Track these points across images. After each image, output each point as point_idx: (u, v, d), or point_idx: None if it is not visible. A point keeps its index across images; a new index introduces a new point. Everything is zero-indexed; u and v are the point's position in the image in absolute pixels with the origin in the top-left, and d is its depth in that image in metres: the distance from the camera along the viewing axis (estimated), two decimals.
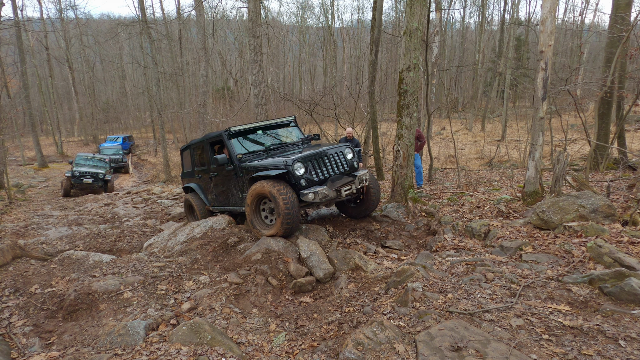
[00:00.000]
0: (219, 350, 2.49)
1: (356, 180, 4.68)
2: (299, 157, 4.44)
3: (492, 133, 21.52)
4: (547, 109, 4.91)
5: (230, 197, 5.48)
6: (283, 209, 4.13)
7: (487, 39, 29.86)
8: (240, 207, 5.27)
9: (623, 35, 5.87)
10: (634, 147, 11.73)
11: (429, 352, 2.11)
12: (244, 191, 5.06)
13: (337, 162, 4.79)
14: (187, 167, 6.72)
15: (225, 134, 5.16)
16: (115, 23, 27.52)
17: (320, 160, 4.64)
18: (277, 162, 4.52)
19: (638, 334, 2.18)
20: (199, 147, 6.02)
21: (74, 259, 4.18)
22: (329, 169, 4.69)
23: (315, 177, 4.52)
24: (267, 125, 5.65)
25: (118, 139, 25.84)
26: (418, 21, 5.29)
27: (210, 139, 5.65)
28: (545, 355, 2.05)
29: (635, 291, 2.50)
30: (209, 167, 5.79)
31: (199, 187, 6.34)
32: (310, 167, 4.51)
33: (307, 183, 4.42)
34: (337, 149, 4.88)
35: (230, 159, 5.08)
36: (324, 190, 4.33)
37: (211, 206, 6.12)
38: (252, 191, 4.46)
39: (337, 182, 4.56)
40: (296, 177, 4.34)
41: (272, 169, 4.45)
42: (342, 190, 4.48)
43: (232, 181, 5.27)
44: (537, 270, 3.23)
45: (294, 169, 4.34)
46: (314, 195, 4.25)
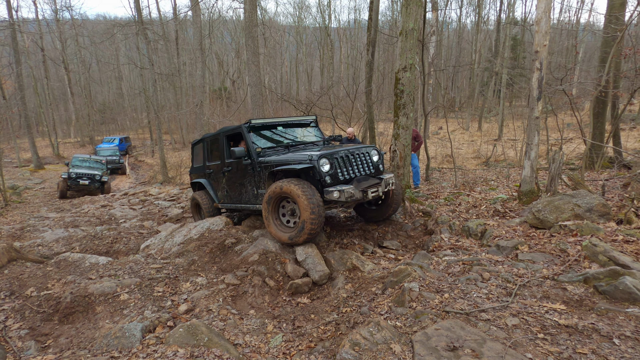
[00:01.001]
0: (216, 352, 2.49)
1: (382, 183, 4.48)
2: (326, 153, 4.21)
3: (488, 132, 21.59)
4: (542, 108, 4.93)
5: (243, 194, 5.27)
6: (309, 212, 3.81)
7: (483, 38, 29.98)
8: (254, 204, 5.07)
9: (617, 35, 5.91)
10: (629, 146, 11.81)
11: (426, 352, 2.12)
12: (260, 187, 4.85)
13: (363, 163, 4.60)
14: (198, 162, 6.52)
15: (245, 126, 4.97)
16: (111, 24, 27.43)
17: (346, 158, 4.42)
18: (301, 156, 4.29)
19: (632, 332, 2.20)
20: (214, 141, 5.83)
21: (70, 261, 4.16)
22: (354, 168, 4.48)
23: (341, 176, 4.29)
24: (288, 122, 5.49)
25: (115, 140, 25.74)
26: (414, 22, 5.31)
27: (227, 132, 5.46)
28: (541, 354, 2.06)
29: (630, 289, 2.52)
30: (222, 162, 5.59)
31: (209, 183, 6.14)
32: (336, 164, 4.29)
33: (332, 181, 4.18)
34: (364, 149, 4.69)
35: (249, 152, 4.87)
36: (350, 190, 4.07)
37: (220, 203, 5.92)
38: (272, 190, 4.17)
39: (364, 183, 4.36)
40: (321, 174, 4.10)
41: (296, 162, 4.23)
42: (368, 192, 4.23)
43: (247, 176, 5.05)
44: (533, 270, 3.25)
45: (319, 164, 4.09)
46: (339, 193, 3.99)
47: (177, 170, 17.75)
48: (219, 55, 33.92)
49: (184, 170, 18.22)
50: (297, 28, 38.10)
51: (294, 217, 4.27)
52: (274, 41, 31.13)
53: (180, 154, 24.00)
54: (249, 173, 5.00)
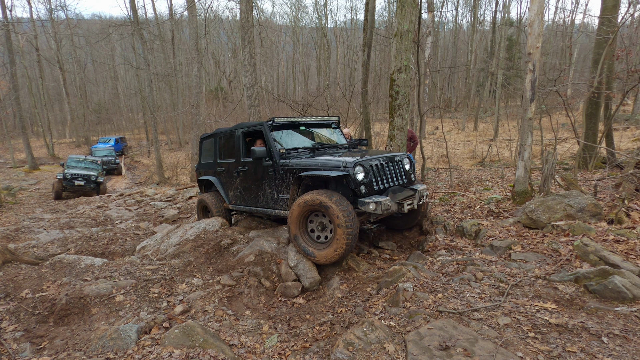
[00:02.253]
0: (211, 353, 2.50)
1: (417, 195, 4.21)
2: (361, 160, 3.86)
3: (484, 132, 21.71)
4: (535, 109, 4.98)
5: (260, 197, 4.92)
6: (345, 229, 3.48)
7: (479, 39, 30.13)
8: (273, 209, 4.72)
9: (609, 37, 5.99)
10: (622, 146, 11.93)
11: (418, 352, 2.15)
12: (282, 192, 4.51)
13: (397, 172, 4.29)
14: (207, 157, 6.11)
15: (268, 124, 4.64)
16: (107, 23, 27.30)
17: (381, 167, 4.09)
18: (332, 162, 3.92)
19: (621, 330, 2.24)
20: (228, 137, 5.46)
21: (65, 262, 4.15)
22: (388, 178, 4.16)
23: (375, 186, 3.96)
24: (311, 122, 5.20)
25: (110, 141, 25.63)
26: (409, 23, 5.34)
27: (244, 128, 5.11)
28: (531, 352, 2.10)
29: (619, 289, 2.56)
30: (237, 160, 5.24)
31: (219, 182, 5.76)
32: (371, 173, 3.94)
33: (367, 191, 3.85)
34: (397, 157, 4.36)
35: (270, 153, 4.53)
36: (387, 202, 3.72)
37: (231, 204, 5.57)
38: (301, 203, 3.79)
39: (399, 194, 4.05)
40: (357, 183, 3.75)
41: (328, 169, 3.87)
42: (404, 204, 3.93)
43: (267, 179, 4.70)
44: (526, 269, 3.29)
45: (354, 172, 3.74)
46: (375, 205, 3.65)
47: (174, 171, 17.70)
48: (216, 55, 33.87)
49: (180, 170, 18.18)
50: (294, 28, 38.12)
51: (324, 232, 3.95)
52: (271, 41, 31.14)
53: (177, 154, 23.94)
54: (268, 175, 4.66)
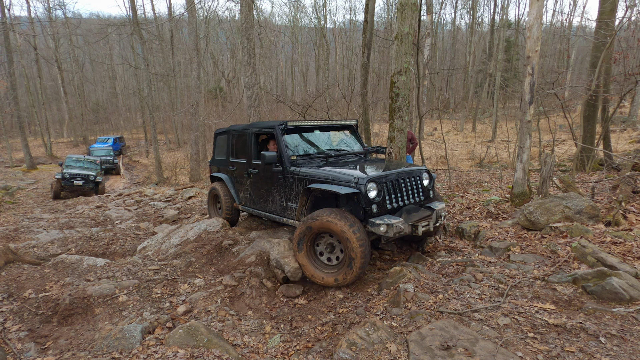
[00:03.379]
0: (216, 353, 2.53)
1: (434, 216, 3.80)
2: (374, 176, 3.57)
3: (482, 134, 21.82)
4: (534, 112, 5.04)
5: (269, 203, 4.72)
6: (359, 255, 3.26)
7: (477, 40, 30.26)
8: (282, 216, 4.52)
9: (607, 41, 6.05)
10: (619, 148, 12.03)
11: (420, 352, 2.18)
12: (290, 200, 4.30)
13: (413, 189, 3.93)
14: (220, 154, 5.91)
15: (280, 127, 4.40)
16: (105, 23, 27.24)
17: (396, 183, 3.76)
18: (344, 175, 3.64)
19: (618, 330, 2.29)
20: (240, 136, 5.26)
21: (67, 263, 4.17)
22: (404, 196, 3.83)
23: (389, 204, 3.65)
24: (326, 126, 4.92)
25: (109, 140, 25.60)
26: (409, 26, 5.39)
27: (256, 129, 4.87)
28: (531, 352, 2.14)
29: (616, 290, 2.61)
30: (249, 162, 5.03)
31: (230, 180, 5.59)
32: (385, 190, 3.63)
33: (379, 210, 3.54)
34: (414, 171, 4.00)
35: (281, 158, 4.30)
36: (400, 224, 3.40)
37: (241, 205, 5.41)
38: (310, 224, 3.56)
39: (414, 215, 3.74)
40: (368, 201, 3.45)
41: (339, 183, 3.61)
42: (419, 227, 3.59)
43: (276, 185, 4.49)
44: (524, 270, 3.34)
45: (366, 189, 3.44)
46: (386, 228, 3.33)
47: (172, 171, 17.70)
48: (214, 55, 33.85)
49: (179, 170, 18.18)
50: (293, 28, 38.15)
51: (333, 253, 3.72)
52: (270, 41, 31.16)
53: (175, 154, 23.92)
54: (278, 181, 4.43)
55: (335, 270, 3.59)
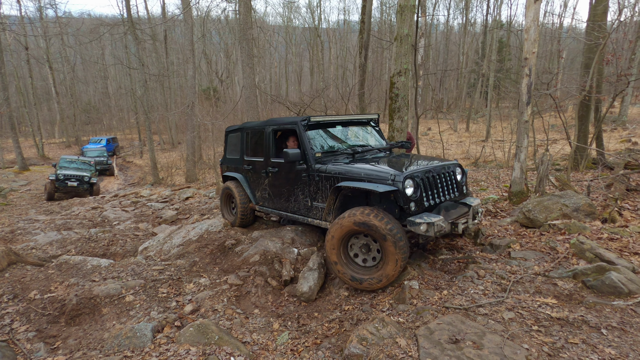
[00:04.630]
0: (227, 350, 2.57)
1: (471, 212, 3.65)
2: (411, 172, 3.38)
3: (476, 133, 22.05)
4: (531, 112, 5.15)
5: (291, 202, 4.49)
6: (399, 258, 3.10)
7: (470, 41, 30.57)
8: (306, 217, 4.30)
9: (600, 42, 6.20)
10: (610, 147, 12.27)
11: (430, 345, 2.25)
12: (316, 200, 4.08)
13: (448, 184, 3.77)
14: (233, 153, 5.62)
15: (303, 123, 4.19)
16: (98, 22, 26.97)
17: (432, 179, 3.58)
18: (378, 172, 3.44)
19: (618, 323, 2.38)
20: (257, 133, 4.99)
21: (71, 263, 4.16)
22: (440, 192, 3.65)
23: (426, 202, 3.48)
24: (349, 121, 4.72)
25: (102, 141, 25.35)
26: (408, 27, 5.47)
27: (275, 125, 4.65)
28: (536, 344, 2.22)
29: (615, 284, 2.70)
30: (267, 160, 4.77)
31: (246, 180, 5.32)
32: (422, 187, 3.44)
33: (417, 208, 3.36)
34: (448, 166, 3.83)
35: (304, 156, 4.08)
36: (441, 222, 3.23)
37: (258, 205, 5.16)
38: (343, 225, 3.37)
39: (452, 212, 3.57)
40: (406, 199, 3.27)
41: (372, 181, 3.42)
42: (459, 224, 3.43)
43: (299, 183, 4.26)
44: (525, 267, 3.42)
45: (404, 187, 3.25)
46: (427, 227, 3.17)
47: (168, 172, 17.61)
48: (208, 55, 33.70)
49: (175, 171, 18.09)
50: (287, 28, 38.14)
51: (369, 254, 3.51)
52: (264, 41, 31.12)
53: (170, 154, 23.79)
54: (302, 180, 4.20)
55: (371, 273, 3.36)
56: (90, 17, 42.38)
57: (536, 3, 4.65)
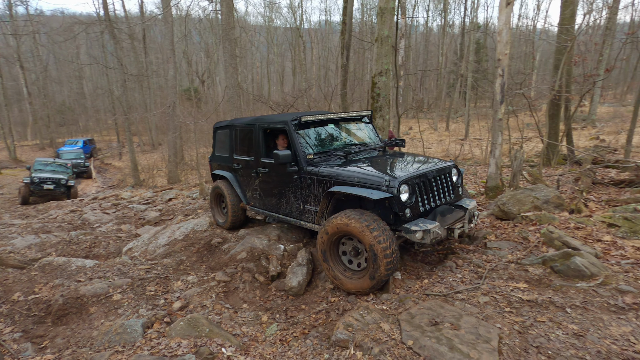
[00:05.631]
0: (218, 341, 2.65)
1: (467, 216, 3.53)
2: (406, 177, 3.24)
3: (456, 132, 22.65)
4: (504, 111, 5.42)
5: (282, 204, 4.32)
6: (383, 263, 2.93)
7: (449, 42, 31.32)
8: (298, 219, 4.14)
9: (568, 45, 6.57)
10: (581, 144, 12.90)
11: (411, 328, 2.39)
12: (308, 203, 3.93)
13: (444, 187, 3.63)
14: (222, 150, 5.40)
15: (293, 122, 3.99)
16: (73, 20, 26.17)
17: (428, 182, 3.44)
18: (372, 177, 3.30)
19: (581, 302, 2.59)
20: (246, 131, 4.77)
21: (55, 265, 4.11)
22: (435, 196, 3.52)
23: (421, 207, 3.35)
24: (341, 119, 4.52)
25: (78, 143, 24.60)
26: (388, 29, 5.65)
27: (264, 124, 4.45)
28: (508, 323, 2.40)
29: (579, 268, 2.93)
30: (257, 160, 4.57)
31: (236, 179, 5.10)
32: (417, 191, 3.31)
33: (412, 214, 3.23)
34: (444, 168, 3.68)
35: (296, 157, 3.89)
36: (437, 229, 3.11)
37: (249, 205, 4.98)
38: (331, 226, 3.26)
39: (449, 217, 3.45)
40: (401, 206, 3.14)
41: (366, 186, 3.27)
42: (455, 230, 3.33)
43: (291, 186, 4.10)
44: (500, 256, 3.64)
45: (399, 192, 3.11)
46: (423, 234, 3.04)
47: (149, 173, 17.30)
48: (188, 55, 33.19)
49: (157, 172, 17.79)
50: (268, 28, 38.00)
51: (358, 257, 3.39)
52: (245, 41, 30.92)
53: (151, 155, 23.35)
54: (293, 183, 4.04)
55: (356, 277, 3.26)
56: (64, 14, 40.97)
57: (507, 7, 4.91)
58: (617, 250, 3.33)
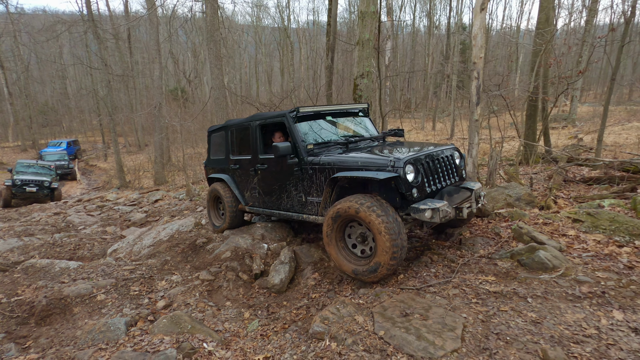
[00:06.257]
0: (200, 337, 2.74)
1: (473, 196, 3.61)
2: (411, 157, 3.28)
3: (442, 132, 23.02)
4: (481, 112, 5.63)
5: (284, 199, 4.33)
6: (388, 245, 2.95)
7: (435, 43, 31.77)
8: (300, 213, 4.15)
9: (542, 49, 6.84)
10: (560, 143, 13.31)
11: (383, 320, 2.54)
12: (311, 194, 3.93)
13: (448, 169, 3.70)
14: (217, 153, 5.41)
15: (292, 115, 4.03)
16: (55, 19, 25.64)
17: (432, 163, 3.49)
18: (376, 160, 3.32)
19: (542, 292, 2.77)
20: (242, 130, 4.80)
21: (38, 267, 4.13)
22: (440, 177, 3.58)
23: (428, 188, 3.38)
24: (339, 111, 4.57)
25: (62, 144, 24.17)
26: (369, 32, 5.79)
27: (261, 120, 4.47)
28: (473, 313, 2.56)
29: (543, 260, 3.12)
30: (255, 157, 4.61)
31: (233, 181, 5.12)
32: (422, 172, 3.35)
33: (419, 194, 3.26)
34: (446, 150, 3.76)
35: (295, 148, 3.92)
36: (445, 207, 3.13)
37: (248, 206, 4.98)
38: (340, 210, 3.25)
39: (456, 197, 3.51)
40: (408, 186, 3.15)
41: (370, 169, 3.27)
42: (463, 209, 3.38)
43: (292, 179, 4.11)
44: (473, 251, 3.81)
45: (405, 172, 3.14)
46: (432, 213, 3.05)
47: (135, 174, 17.15)
48: (174, 55, 32.87)
49: (143, 174, 17.64)
50: (256, 28, 37.89)
51: (364, 245, 3.40)
52: (233, 41, 30.78)
53: (137, 157, 23.10)
54: (294, 175, 4.05)
55: (358, 262, 3.30)
56: (46, 13, 40.07)
57: (482, 12, 5.11)
58: (579, 244, 3.54)
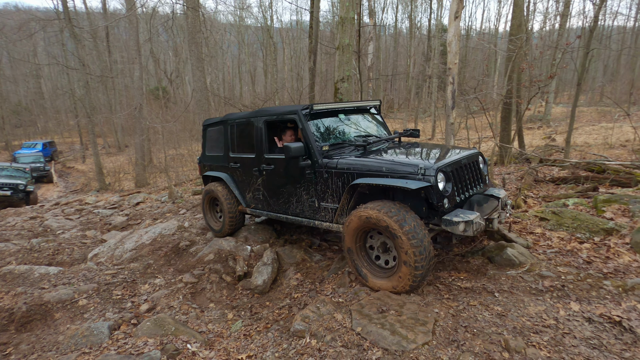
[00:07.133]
0: (183, 338, 2.81)
1: (499, 204, 3.39)
2: (442, 164, 3.00)
3: (423, 132, 23.48)
4: (457, 115, 5.86)
5: (293, 203, 4.01)
6: (412, 258, 2.76)
7: (417, 44, 32.35)
8: (312, 219, 3.85)
9: (514, 54, 7.16)
10: (535, 143, 13.86)
11: (360, 317, 2.67)
12: (325, 200, 3.64)
13: (474, 176, 3.44)
14: (214, 149, 5.04)
15: (304, 112, 3.70)
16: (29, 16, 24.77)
17: (461, 169, 3.24)
18: (404, 165, 3.04)
19: (509, 287, 2.97)
20: (245, 126, 4.43)
21: (16, 273, 4.08)
22: (469, 185, 3.32)
23: (457, 197, 3.12)
24: (352, 109, 4.27)
25: (37, 145, 23.43)
26: (349, 37, 5.94)
27: (268, 116, 4.12)
28: (444, 307, 2.73)
29: (510, 257, 3.33)
30: (260, 156, 4.25)
31: (233, 180, 4.77)
32: (453, 180, 3.08)
33: (450, 204, 2.99)
34: (472, 155, 3.48)
35: (309, 150, 3.61)
36: (479, 219, 2.91)
37: (249, 208, 4.67)
38: (363, 217, 3.01)
39: (485, 207, 3.27)
40: (440, 196, 2.90)
41: (399, 176, 3.00)
42: (494, 220, 3.15)
43: (303, 182, 3.78)
44: (447, 249, 4.00)
45: (437, 181, 2.88)
46: (465, 226, 2.82)
47: (116, 177, 16.81)
48: (155, 54, 32.28)
49: (124, 176, 17.31)
50: (239, 27, 37.61)
51: (387, 254, 3.22)
52: (215, 41, 30.48)
53: (117, 158, 22.63)
54: (306, 178, 3.74)
55: (381, 276, 3.11)
56: (18, 9, 38.59)
57: (456, 20, 5.33)
58: (545, 241, 3.78)
